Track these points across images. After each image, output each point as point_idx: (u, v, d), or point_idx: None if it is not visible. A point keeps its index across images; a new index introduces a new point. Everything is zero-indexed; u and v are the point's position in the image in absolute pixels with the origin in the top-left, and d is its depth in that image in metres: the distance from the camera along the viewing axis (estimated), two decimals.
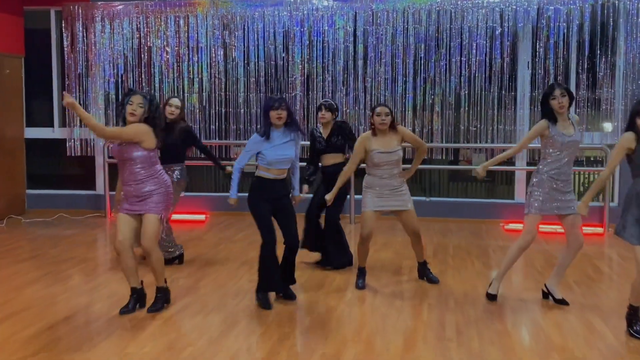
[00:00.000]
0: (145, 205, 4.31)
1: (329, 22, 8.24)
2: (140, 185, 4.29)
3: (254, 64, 8.42)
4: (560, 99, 4.48)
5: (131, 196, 4.34)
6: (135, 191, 4.31)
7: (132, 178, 4.30)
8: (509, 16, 7.96)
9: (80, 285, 5.32)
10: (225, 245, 6.81)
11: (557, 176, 4.57)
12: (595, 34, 7.82)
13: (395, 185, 5.01)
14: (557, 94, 4.49)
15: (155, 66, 8.59)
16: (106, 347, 3.87)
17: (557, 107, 4.50)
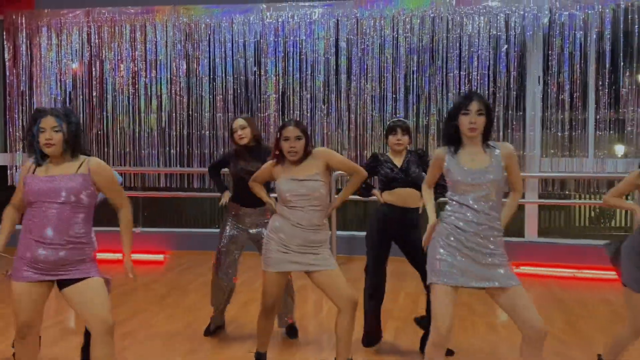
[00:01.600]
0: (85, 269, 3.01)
1: (307, 31, 7.28)
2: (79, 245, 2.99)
3: (220, 79, 7.48)
4: (474, 116, 3.01)
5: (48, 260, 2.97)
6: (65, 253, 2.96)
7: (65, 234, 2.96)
8: (515, 23, 6.90)
9: None
10: (174, 299, 5.60)
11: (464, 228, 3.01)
12: (617, 43, 6.73)
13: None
14: (473, 108, 3.02)
15: (108, 82, 7.68)
16: None
17: (466, 127, 3.01)
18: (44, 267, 2.93)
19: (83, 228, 2.97)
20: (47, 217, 2.90)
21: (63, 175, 2.95)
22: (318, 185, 3.36)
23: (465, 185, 2.97)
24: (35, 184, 2.94)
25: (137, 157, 7.63)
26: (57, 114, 3.01)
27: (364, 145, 7.19)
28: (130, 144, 7.62)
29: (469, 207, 2.96)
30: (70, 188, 2.92)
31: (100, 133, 7.66)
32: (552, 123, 6.94)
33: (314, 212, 3.36)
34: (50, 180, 2.94)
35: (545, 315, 4.89)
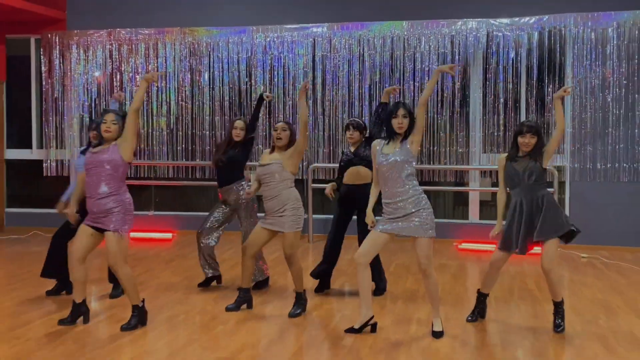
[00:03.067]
0: (107, 223, 4.48)
1: (289, 49, 8.62)
2: (104, 201, 4.44)
3: (218, 88, 8.82)
4: (401, 119, 4.39)
5: (92, 211, 4.50)
6: (97, 206, 4.45)
7: (96, 192, 4.43)
8: (459, 42, 8.26)
9: (21, 295, 5.66)
10: (177, 262, 7.13)
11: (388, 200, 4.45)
12: (543, 59, 8.08)
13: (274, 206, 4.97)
14: (399, 114, 4.38)
15: (127, 91, 9.03)
16: (17, 351, 4.20)
17: (396, 127, 4.41)
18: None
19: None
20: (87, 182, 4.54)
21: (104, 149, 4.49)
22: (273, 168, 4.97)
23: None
24: (87, 157, 4.54)
25: (150, 152, 8.99)
26: (117, 112, 4.60)
27: (336, 142, 8.59)
28: (144, 142, 8.95)
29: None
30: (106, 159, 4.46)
31: None
32: (490, 125, 8.31)
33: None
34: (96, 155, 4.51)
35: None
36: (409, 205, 4.35)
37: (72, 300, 4.79)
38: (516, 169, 4.60)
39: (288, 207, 4.91)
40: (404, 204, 4.35)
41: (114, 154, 4.46)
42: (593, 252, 7.69)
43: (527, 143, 4.55)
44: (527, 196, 4.58)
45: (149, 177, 9.17)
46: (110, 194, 4.48)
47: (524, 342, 4.45)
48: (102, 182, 4.45)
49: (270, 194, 4.95)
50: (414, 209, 4.34)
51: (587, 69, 7.94)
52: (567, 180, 8.13)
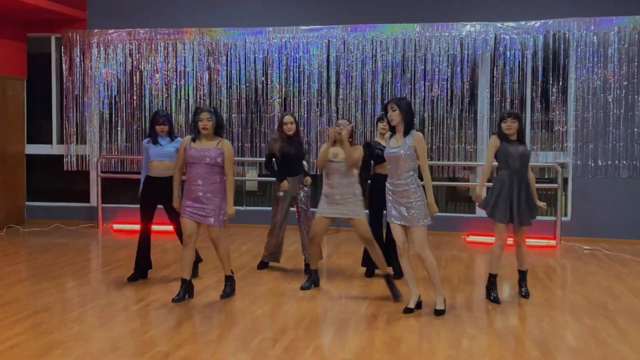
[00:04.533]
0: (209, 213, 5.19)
1: (304, 49, 8.96)
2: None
3: (236, 87, 9.14)
4: (390, 112, 4.86)
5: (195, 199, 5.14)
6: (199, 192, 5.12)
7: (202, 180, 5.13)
8: (468, 44, 8.64)
9: (64, 283, 5.99)
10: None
11: (391, 187, 4.98)
12: (548, 61, 8.48)
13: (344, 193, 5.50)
14: (388, 108, 4.88)
15: (146, 88, 9.34)
16: (77, 331, 4.53)
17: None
18: (196, 203, 5.14)
19: (218, 179, 5.17)
20: (199, 173, 5.04)
21: (208, 149, 5.10)
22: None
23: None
24: (193, 152, 5.11)
25: None
26: (210, 110, 5.15)
27: None
28: None
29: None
30: (211, 156, 5.09)
31: (139, 129, 9.39)
32: (497, 123, 8.66)
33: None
34: (201, 151, 5.05)
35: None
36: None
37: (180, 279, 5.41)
38: (511, 151, 5.21)
39: (358, 194, 5.48)
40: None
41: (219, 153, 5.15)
42: (594, 244, 8.11)
43: (509, 127, 5.23)
44: (516, 178, 5.22)
45: None
46: (220, 183, 5.21)
47: (542, 324, 4.85)
48: (212, 174, 5.14)
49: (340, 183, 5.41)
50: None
51: (589, 70, 8.35)
52: (569, 177, 8.55)
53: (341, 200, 5.46)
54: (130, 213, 9.28)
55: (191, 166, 5.17)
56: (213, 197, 5.17)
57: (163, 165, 5.87)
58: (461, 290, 5.86)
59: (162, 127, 5.94)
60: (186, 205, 5.21)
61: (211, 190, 5.17)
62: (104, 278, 6.20)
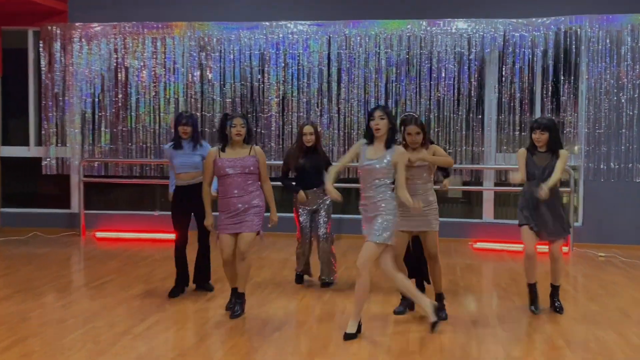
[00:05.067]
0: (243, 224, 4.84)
1: (303, 45, 8.46)
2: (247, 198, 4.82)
3: (229, 85, 8.60)
4: (378, 120, 4.42)
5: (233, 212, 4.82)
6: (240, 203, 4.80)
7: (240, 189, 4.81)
8: (476, 42, 8.25)
9: (52, 302, 5.37)
10: None
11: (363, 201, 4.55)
12: (558, 60, 8.14)
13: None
14: (376, 115, 4.42)
15: (132, 86, 8.73)
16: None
17: (373, 129, 4.48)
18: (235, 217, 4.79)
19: (254, 188, 4.88)
20: (234, 184, 4.80)
21: (242, 157, 4.79)
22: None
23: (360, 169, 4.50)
24: (225, 163, 4.76)
25: (157, 150, 8.70)
26: (242, 115, 4.86)
27: (351, 141, 8.43)
28: (151, 139, 8.69)
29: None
30: (246, 165, 4.79)
31: (124, 130, 8.77)
32: (505, 124, 8.33)
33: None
34: (234, 161, 4.78)
35: (510, 278, 6.34)
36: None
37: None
38: (536, 163, 4.91)
39: (434, 202, 4.92)
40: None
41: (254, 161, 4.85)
42: (607, 251, 7.78)
43: (538, 139, 4.88)
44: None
45: (155, 175, 8.87)
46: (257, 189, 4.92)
47: (589, 345, 4.43)
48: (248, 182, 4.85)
49: (417, 191, 4.79)
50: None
51: (601, 69, 8.03)
52: (580, 180, 8.22)
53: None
54: (114, 220, 8.72)
55: (224, 178, 4.82)
56: (251, 207, 4.83)
57: (189, 175, 5.46)
58: (487, 304, 5.43)
59: (184, 127, 5.46)
60: (223, 221, 4.86)
61: (248, 201, 4.83)
62: (96, 294, 5.59)
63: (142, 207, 9.22)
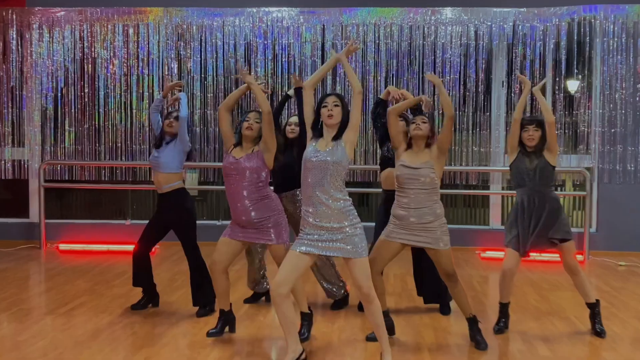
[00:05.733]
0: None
1: (294, 34, 7.67)
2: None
3: (212, 78, 7.75)
4: (332, 107, 3.75)
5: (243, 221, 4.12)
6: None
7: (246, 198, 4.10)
8: (483, 33, 7.59)
9: (10, 335, 4.40)
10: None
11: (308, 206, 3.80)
12: (571, 52, 7.56)
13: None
14: (330, 102, 3.76)
15: (100, 79, 7.81)
16: None
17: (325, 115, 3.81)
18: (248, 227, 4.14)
19: (267, 192, 4.21)
20: (241, 188, 4.14)
21: (247, 155, 4.11)
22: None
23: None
24: (231, 161, 4.10)
25: (129, 152, 7.80)
26: (259, 111, 4.11)
27: None
28: (121, 139, 7.79)
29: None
30: (251, 167, 4.10)
31: (92, 128, 7.81)
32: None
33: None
34: (238, 162, 4.11)
35: (521, 291, 5.66)
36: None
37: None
38: (526, 165, 4.36)
39: (441, 214, 4.15)
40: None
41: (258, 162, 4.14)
42: (625, 259, 7.20)
43: (531, 136, 4.34)
44: (532, 196, 4.35)
45: (126, 180, 7.93)
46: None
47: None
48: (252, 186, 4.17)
49: (416, 203, 4.06)
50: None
51: (617, 63, 7.46)
52: (594, 182, 7.63)
53: (419, 225, 4.12)
54: (80, 230, 7.83)
55: (229, 180, 4.15)
56: (269, 215, 4.11)
57: (165, 178, 4.77)
58: (523, 325, 4.71)
59: (170, 121, 4.84)
60: (231, 227, 4.22)
61: (262, 208, 4.09)
62: (65, 324, 4.63)
63: (112, 215, 8.34)
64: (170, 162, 4.76)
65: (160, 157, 4.78)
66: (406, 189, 4.11)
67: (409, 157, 4.15)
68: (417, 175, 4.06)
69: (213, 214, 8.56)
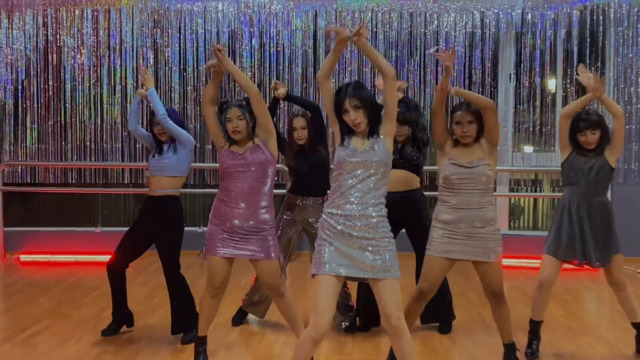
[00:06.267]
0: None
1: (284, 21, 7.05)
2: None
3: (192, 69, 7.11)
4: (353, 112, 3.05)
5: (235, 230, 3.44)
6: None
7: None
8: (489, 21, 7.04)
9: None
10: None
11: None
12: (583, 43, 7.04)
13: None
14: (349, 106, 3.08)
15: (67, 71, 7.12)
16: None
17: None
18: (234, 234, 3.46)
19: (267, 198, 3.53)
20: (239, 190, 3.50)
21: (249, 149, 3.47)
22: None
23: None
24: (229, 156, 3.46)
25: (99, 151, 7.15)
26: (239, 104, 3.42)
27: None
28: (91, 137, 7.12)
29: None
30: (255, 161, 3.45)
31: (57, 125, 7.11)
32: (523, 118, 7.19)
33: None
34: (239, 157, 3.48)
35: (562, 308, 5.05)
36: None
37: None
38: (580, 163, 3.82)
39: (494, 218, 3.50)
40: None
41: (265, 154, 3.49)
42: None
43: (588, 141, 3.79)
44: (583, 198, 3.80)
45: (96, 183, 7.23)
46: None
47: None
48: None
49: (466, 204, 3.43)
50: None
51: (633, 54, 6.97)
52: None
53: (471, 231, 3.47)
54: (43, 239, 7.10)
55: (230, 181, 3.45)
56: (265, 226, 3.44)
57: (160, 183, 4.10)
58: (557, 346, 4.09)
59: (159, 128, 4.08)
60: (217, 237, 3.45)
61: (262, 214, 3.43)
62: (26, 355, 3.86)
63: (80, 222, 7.61)
64: (177, 164, 4.06)
65: (165, 159, 4.07)
66: (458, 190, 3.45)
67: (460, 154, 3.48)
68: (472, 174, 3.42)
69: (194, 220, 7.88)
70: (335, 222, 2.87)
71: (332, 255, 2.86)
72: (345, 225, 2.85)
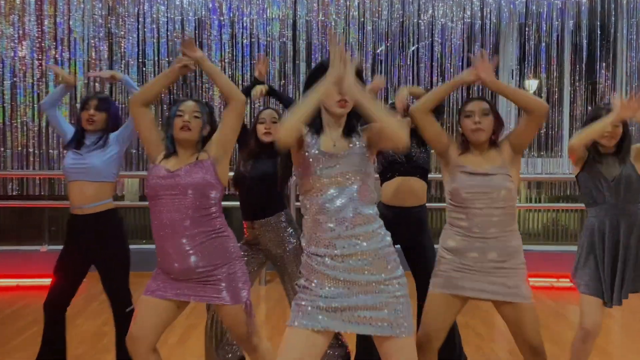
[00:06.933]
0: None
1: (258, 9, 6.37)
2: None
3: (152, 63, 6.39)
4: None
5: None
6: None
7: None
8: (490, 10, 6.42)
9: None
10: None
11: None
12: (594, 35, 6.49)
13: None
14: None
15: (6, 65, 6.35)
16: None
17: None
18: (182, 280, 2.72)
19: (218, 224, 2.69)
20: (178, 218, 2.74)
21: (189, 165, 2.67)
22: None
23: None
24: (163, 175, 2.71)
25: (44, 159, 6.42)
26: (199, 100, 2.80)
27: None
28: (34, 142, 6.39)
29: None
30: (197, 181, 2.65)
31: None
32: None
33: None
34: (177, 175, 2.75)
35: (556, 329, 4.29)
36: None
37: None
38: (602, 174, 3.08)
39: (518, 248, 2.70)
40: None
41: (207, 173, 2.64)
42: None
43: (610, 134, 3.03)
44: (615, 218, 3.06)
45: (41, 195, 6.50)
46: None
47: None
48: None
49: (483, 228, 2.64)
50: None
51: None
52: None
53: (487, 266, 2.64)
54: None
55: (158, 206, 2.59)
56: (220, 262, 2.58)
57: (84, 195, 3.29)
58: None
59: (91, 113, 3.31)
60: (158, 279, 2.64)
61: (210, 250, 2.56)
62: None
63: (23, 240, 6.82)
64: (103, 166, 3.26)
65: (88, 159, 3.26)
66: (469, 208, 2.64)
67: (472, 160, 2.70)
68: (489, 185, 2.62)
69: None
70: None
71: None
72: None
